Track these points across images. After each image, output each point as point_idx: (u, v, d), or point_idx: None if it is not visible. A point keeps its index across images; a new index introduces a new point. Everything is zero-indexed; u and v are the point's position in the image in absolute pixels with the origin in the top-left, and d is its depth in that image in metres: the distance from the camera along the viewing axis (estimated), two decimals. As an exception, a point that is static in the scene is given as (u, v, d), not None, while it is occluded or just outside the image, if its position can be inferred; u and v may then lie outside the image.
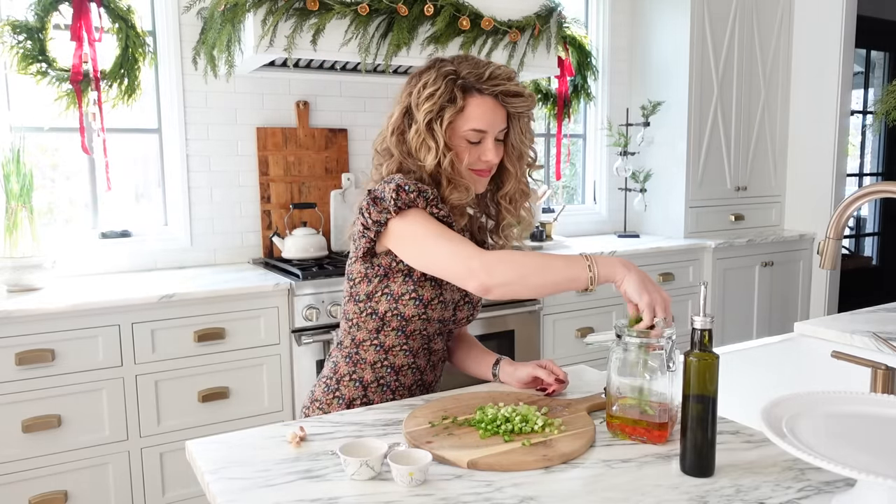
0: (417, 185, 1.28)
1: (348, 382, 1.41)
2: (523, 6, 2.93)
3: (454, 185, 1.33)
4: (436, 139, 1.30)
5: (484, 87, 1.31)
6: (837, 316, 1.91)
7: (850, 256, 5.67)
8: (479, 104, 1.31)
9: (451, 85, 1.30)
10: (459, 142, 1.33)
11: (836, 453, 0.87)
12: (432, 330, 1.40)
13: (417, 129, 1.31)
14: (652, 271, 3.40)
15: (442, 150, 1.30)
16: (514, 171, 1.40)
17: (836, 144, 3.86)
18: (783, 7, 3.94)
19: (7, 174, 2.36)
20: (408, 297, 1.34)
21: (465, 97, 1.31)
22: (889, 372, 1.28)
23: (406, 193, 1.27)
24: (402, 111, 1.35)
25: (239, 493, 0.97)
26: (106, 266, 2.73)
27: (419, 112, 1.31)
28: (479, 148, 1.34)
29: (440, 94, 1.29)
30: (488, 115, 1.32)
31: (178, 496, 2.36)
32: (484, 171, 1.36)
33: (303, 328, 2.50)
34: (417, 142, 1.32)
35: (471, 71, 1.31)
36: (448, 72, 1.31)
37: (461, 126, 1.32)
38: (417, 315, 1.35)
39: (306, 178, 3.07)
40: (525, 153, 1.40)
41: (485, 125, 1.32)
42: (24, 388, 2.10)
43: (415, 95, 1.33)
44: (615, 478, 1.02)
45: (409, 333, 1.38)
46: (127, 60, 2.63)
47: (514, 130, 1.37)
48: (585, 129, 4.02)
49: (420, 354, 1.41)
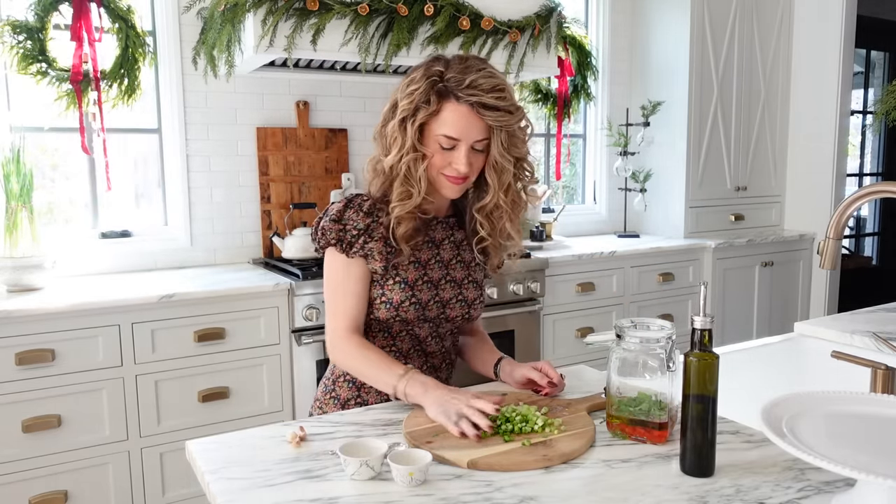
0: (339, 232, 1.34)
1: (343, 383, 1.43)
2: (523, 6, 2.92)
3: (404, 187, 1.32)
4: (404, 138, 1.30)
5: (461, 94, 1.27)
6: (837, 316, 1.91)
7: (850, 256, 5.66)
8: (453, 110, 1.28)
9: (430, 87, 1.29)
10: (433, 144, 1.31)
11: (836, 453, 0.87)
12: (423, 332, 1.41)
13: (393, 123, 1.32)
14: (652, 271, 3.41)
15: (408, 148, 1.30)
16: (493, 184, 1.35)
17: (836, 144, 3.86)
18: (783, 7, 3.94)
19: (7, 174, 2.36)
20: (378, 300, 1.37)
21: (441, 101, 1.28)
22: (889, 372, 1.28)
23: (324, 238, 1.36)
24: (391, 103, 1.35)
25: (239, 493, 0.97)
26: (106, 266, 2.73)
27: (398, 108, 1.31)
28: (452, 154, 1.31)
29: (418, 95, 1.29)
30: (462, 122, 1.28)
31: (178, 496, 2.36)
32: (454, 177, 1.33)
33: (303, 328, 2.50)
34: (391, 137, 1.32)
35: (455, 76, 1.28)
36: (434, 73, 1.30)
37: (435, 129, 1.30)
38: (392, 318, 1.36)
39: (306, 178, 3.07)
40: (506, 168, 1.34)
41: (457, 133, 1.29)
42: (24, 388, 2.10)
43: (401, 90, 1.33)
44: (615, 478, 1.02)
45: (394, 335, 1.40)
46: (127, 60, 2.62)
47: (495, 143, 1.32)
48: (585, 129, 4.02)
49: (413, 356, 1.41)
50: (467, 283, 1.44)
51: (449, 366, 1.50)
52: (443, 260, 1.42)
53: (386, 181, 1.35)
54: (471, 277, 1.45)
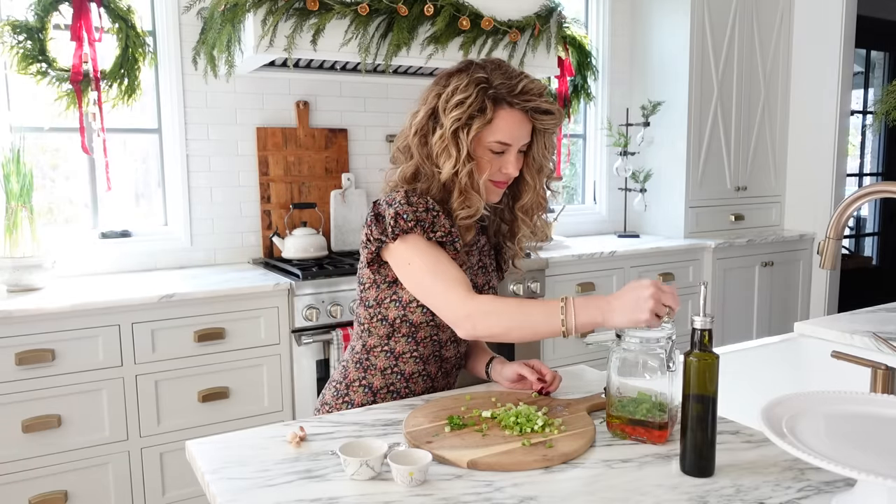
0: (416, 213, 1.27)
1: (358, 388, 1.40)
2: (523, 6, 2.92)
3: (465, 197, 1.30)
4: (459, 148, 1.27)
5: (515, 101, 1.27)
6: (837, 316, 1.91)
7: (850, 256, 5.66)
8: (508, 117, 1.28)
9: (482, 94, 1.26)
10: (483, 152, 1.30)
11: (836, 453, 0.87)
12: (444, 337, 1.39)
13: (443, 134, 1.28)
14: (652, 271, 3.40)
15: (464, 159, 1.27)
16: (534, 183, 1.38)
17: (836, 144, 3.86)
18: (783, 7, 3.94)
19: (7, 174, 2.36)
20: (415, 304, 1.33)
21: (496, 109, 1.27)
22: (889, 372, 1.28)
23: (405, 222, 1.26)
24: (427, 112, 1.31)
25: (239, 494, 0.97)
26: (106, 266, 2.73)
27: (447, 118, 1.27)
28: (501, 160, 1.31)
29: (470, 103, 1.26)
30: (516, 129, 1.29)
31: (178, 496, 2.36)
32: (501, 182, 1.34)
33: (303, 328, 2.50)
34: (440, 147, 1.29)
35: (503, 82, 1.27)
36: (480, 79, 1.27)
37: (487, 137, 1.29)
38: (426, 322, 1.34)
39: (306, 178, 3.07)
40: (545, 166, 1.39)
41: (511, 139, 1.29)
42: (24, 388, 2.10)
43: (443, 99, 1.29)
44: (615, 478, 1.02)
45: (419, 340, 1.37)
46: (127, 60, 2.62)
47: (538, 144, 1.35)
48: (585, 129, 4.02)
49: (431, 361, 1.40)
50: (487, 289, 1.44)
51: (457, 372, 1.49)
52: (472, 266, 1.41)
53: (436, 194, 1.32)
54: (489, 284, 1.45)
